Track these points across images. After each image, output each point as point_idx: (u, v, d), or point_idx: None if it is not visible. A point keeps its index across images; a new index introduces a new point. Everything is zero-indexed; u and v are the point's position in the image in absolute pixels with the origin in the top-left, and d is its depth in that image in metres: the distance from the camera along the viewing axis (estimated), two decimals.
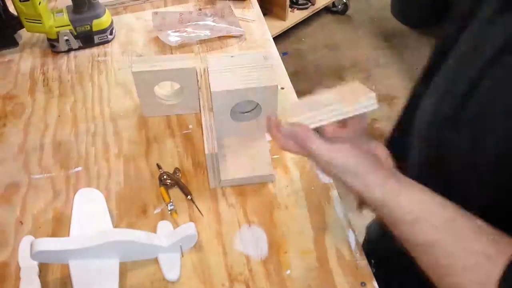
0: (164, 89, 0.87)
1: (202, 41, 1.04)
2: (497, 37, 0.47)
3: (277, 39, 2.44)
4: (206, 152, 0.69)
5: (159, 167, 0.77)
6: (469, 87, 0.49)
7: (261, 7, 1.17)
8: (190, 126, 0.85)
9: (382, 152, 0.56)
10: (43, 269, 0.64)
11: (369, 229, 0.94)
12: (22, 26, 0.98)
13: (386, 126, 2.19)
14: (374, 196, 0.52)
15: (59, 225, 0.70)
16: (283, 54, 0.95)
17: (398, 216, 0.50)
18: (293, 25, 2.53)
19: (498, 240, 0.45)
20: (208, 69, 0.77)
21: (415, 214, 0.49)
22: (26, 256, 0.63)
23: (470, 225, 0.47)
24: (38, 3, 0.93)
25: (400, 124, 0.72)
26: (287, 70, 0.96)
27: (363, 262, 0.65)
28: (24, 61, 1.01)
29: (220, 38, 1.05)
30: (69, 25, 0.98)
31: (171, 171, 0.77)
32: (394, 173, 0.53)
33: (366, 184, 0.52)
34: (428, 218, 0.48)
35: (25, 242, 0.66)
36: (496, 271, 0.42)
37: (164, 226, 0.68)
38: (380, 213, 0.53)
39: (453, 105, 0.52)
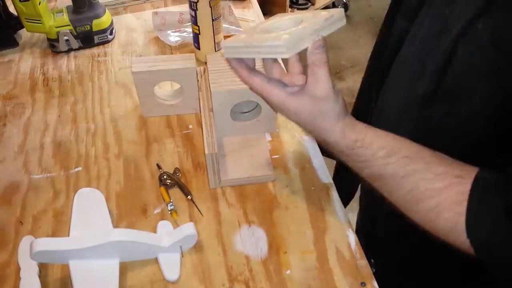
0: (164, 89, 0.87)
1: None
2: (459, 16, 0.50)
3: None
4: (206, 152, 0.69)
5: (159, 167, 0.77)
6: (443, 62, 0.53)
7: (261, 7, 1.17)
8: (190, 126, 0.85)
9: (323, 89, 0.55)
10: (43, 269, 0.64)
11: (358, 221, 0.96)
12: (22, 26, 0.98)
13: None
14: (338, 148, 0.56)
15: (59, 225, 0.70)
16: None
17: (369, 154, 0.53)
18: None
19: (462, 164, 0.49)
20: (208, 69, 0.77)
21: (388, 148, 0.52)
22: (26, 256, 0.63)
23: (436, 154, 0.51)
24: (38, 3, 0.93)
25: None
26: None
27: (363, 262, 0.65)
28: (24, 61, 1.01)
29: None
30: (69, 25, 0.98)
31: (171, 171, 0.77)
32: (349, 120, 0.56)
33: (326, 141, 0.57)
34: (399, 151, 0.52)
35: (25, 242, 0.66)
36: (467, 189, 0.46)
37: (164, 226, 0.68)
38: (346, 159, 0.57)
39: (428, 83, 0.55)
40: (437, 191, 0.48)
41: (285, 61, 0.58)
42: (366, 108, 0.73)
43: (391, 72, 0.65)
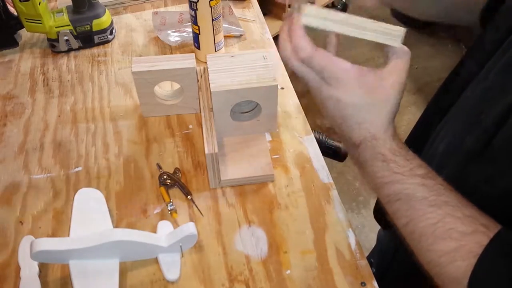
0: (164, 89, 0.87)
1: None
2: None
3: (277, 39, 2.44)
4: (206, 152, 0.69)
5: (159, 167, 0.77)
6: (496, 123, 0.49)
7: (261, 7, 1.17)
8: (190, 126, 0.85)
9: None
10: (43, 269, 0.64)
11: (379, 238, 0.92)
12: (22, 26, 0.98)
13: None
14: (379, 149, 0.51)
15: (59, 225, 0.70)
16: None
17: (408, 167, 0.49)
18: None
19: (487, 216, 0.46)
20: (208, 69, 0.77)
21: (426, 170, 0.48)
22: (26, 256, 0.63)
23: (463, 196, 0.47)
24: (38, 3, 0.93)
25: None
26: (287, 70, 0.96)
27: (363, 262, 0.65)
28: (24, 61, 1.01)
29: None
30: (69, 25, 0.98)
31: (171, 171, 0.77)
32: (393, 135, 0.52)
33: (373, 135, 0.51)
34: (436, 177, 0.48)
35: (25, 242, 0.66)
36: (486, 242, 0.43)
37: (164, 226, 0.68)
38: (378, 166, 0.51)
39: (478, 139, 0.51)
40: (461, 234, 0.44)
41: None
42: (421, 140, 0.68)
43: (449, 113, 0.61)
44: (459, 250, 0.44)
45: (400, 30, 0.51)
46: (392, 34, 0.52)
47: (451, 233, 0.45)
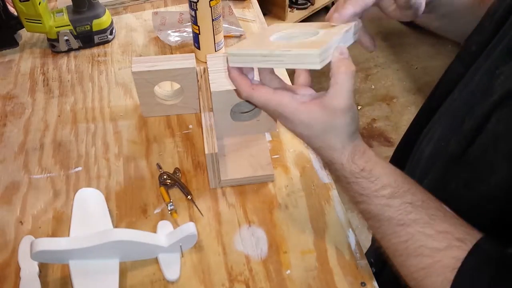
0: (164, 89, 0.87)
1: None
2: (504, 82, 0.48)
3: None
4: (206, 152, 0.69)
5: (159, 167, 0.77)
6: (477, 125, 0.49)
7: (261, 7, 1.17)
8: (190, 126, 0.85)
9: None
10: (43, 269, 0.64)
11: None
12: (22, 26, 0.98)
13: (385, 125, 2.19)
14: (341, 172, 0.51)
15: (59, 225, 0.70)
16: None
17: (371, 189, 0.49)
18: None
19: (467, 226, 0.46)
20: (208, 69, 0.77)
21: (393, 188, 0.48)
22: (26, 256, 0.63)
23: (442, 208, 0.47)
24: (38, 3, 0.93)
25: (400, 152, 0.72)
26: (287, 70, 0.96)
27: (363, 262, 0.65)
28: (24, 61, 1.01)
29: None
30: (69, 25, 0.98)
31: (171, 171, 0.77)
32: (358, 145, 0.52)
33: (331, 161, 0.52)
34: (404, 195, 0.48)
35: (25, 242, 0.66)
36: (463, 256, 0.43)
37: (164, 226, 0.68)
38: (345, 186, 0.52)
39: (460, 142, 0.51)
40: (432, 250, 0.45)
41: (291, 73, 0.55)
42: (410, 145, 0.68)
43: (436, 115, 0.61)
44: (433, 266, 0.44)
45: (314, 52, 0.47)
46: (307, 59, 0.48)
47: (422, 250, 0.45)
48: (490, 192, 0.48)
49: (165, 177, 0.75)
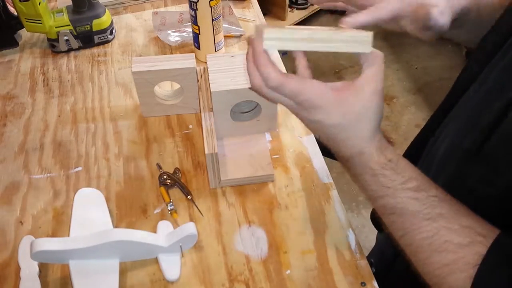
0: (164, 89, 0.87)
1: None
2: None
3: None
4: (206, 152, 0.69)
5: (159, 167, 0.77)
6: (494, 119, 0.48)
7: (261, 7, 1.17)
8: (190, 126, 0.85)
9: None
10: (43, 269, 0.64)
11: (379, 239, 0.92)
12: (22, 26, 0.98)
13: (385, 125, 2.19)
14: (368, 164, 0.49)
15: (59, 225, 0.70)
16: (283, 54, 0.96)
17: (398, 180, 0.48)
18: (292, 25, 2.54)
19: (485, 222, 0.45)
20: (208, 69, 0.77)
21: (419, 181, 0.47)
22: (26, 256, 0.63)
23: (461, 204, 0.47)
24: (38, 3, 0.93)
25: (413, 149, 0.71)
26: (287, 70, 0.96)
27: (363, 262, 0.65)
28: (24, 61, 1.01)
29: None
30: (69, 25, 0.98)
31: (171, 171, 0.77)
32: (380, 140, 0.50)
33: (360, 152, 0.49)
34: (429, 189, 0.47)
35: (25, 242, 0.66)
36: (485, 252, 0.43)
37: (164, 226, 0.68)
38: (369, 180, 0.50)
39: (476, 139, 0.51)
40: (457, 246, 0.44)
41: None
42: (422, 145, 0.67)
43: (451, 114, 0.60)
44: (457, 262, 0.44)
45: (368, 36, 0.48)
46: (360, 41, 0.48)
47: (447, 245, 0.45)
48: (508, 186, 0.47)
49: (165, 177, 0.75)
